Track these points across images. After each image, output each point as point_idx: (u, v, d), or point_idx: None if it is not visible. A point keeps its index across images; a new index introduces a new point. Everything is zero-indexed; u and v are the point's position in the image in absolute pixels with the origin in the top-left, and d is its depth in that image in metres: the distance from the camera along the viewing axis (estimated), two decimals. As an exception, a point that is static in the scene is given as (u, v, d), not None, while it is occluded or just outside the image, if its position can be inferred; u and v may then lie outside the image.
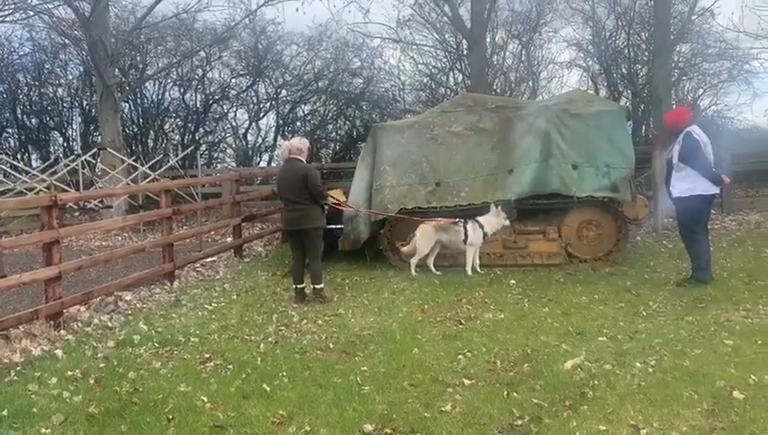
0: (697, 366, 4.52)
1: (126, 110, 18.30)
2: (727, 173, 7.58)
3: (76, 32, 15.14)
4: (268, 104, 19.48)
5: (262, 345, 5.43)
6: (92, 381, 4.66)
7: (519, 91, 18.42)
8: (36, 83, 18.87)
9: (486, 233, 8.14)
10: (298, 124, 19.75)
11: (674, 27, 14.72)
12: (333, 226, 8.60)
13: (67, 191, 12.20)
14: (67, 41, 16.64)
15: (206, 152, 19.80)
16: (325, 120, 19.71)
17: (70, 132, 19.12)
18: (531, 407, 3.99)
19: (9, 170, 14.19)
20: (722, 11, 22.49)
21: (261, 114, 19.59)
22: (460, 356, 4.97)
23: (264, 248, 10.83)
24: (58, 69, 19.10)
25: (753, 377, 4.26)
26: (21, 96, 19.10)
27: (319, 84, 19.06)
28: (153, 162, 14.77)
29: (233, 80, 19.29)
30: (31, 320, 5.76)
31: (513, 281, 7.65)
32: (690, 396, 4.02)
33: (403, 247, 8.35)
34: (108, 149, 14.13)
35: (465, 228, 8.08)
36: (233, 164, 19.30)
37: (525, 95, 18.03)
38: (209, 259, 9.40)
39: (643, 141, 14.99)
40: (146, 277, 7.73)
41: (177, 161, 15.55)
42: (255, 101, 19.44)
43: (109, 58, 14.08)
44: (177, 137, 19.67)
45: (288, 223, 7.18)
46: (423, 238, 8.13)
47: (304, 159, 7.10)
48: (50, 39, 17.99)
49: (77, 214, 13.80)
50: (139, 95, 18.69)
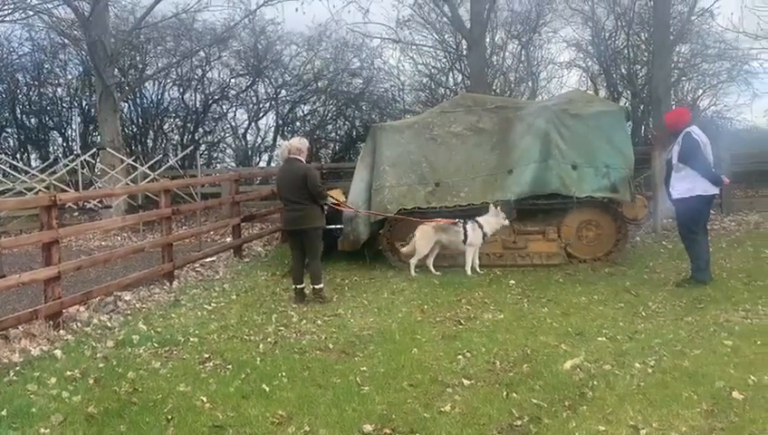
0: (697, 366, 4.52)
1: (125, 110, 18.30)
2: (727, 174, 7.58)
3: (75, 32, 15.12)
4: (267, 104, 19.49)
5: (261, 345, 5.43)
6: (91, 381, 4.66)
7: (518, 91, 18.41)
8: (36, 83, 18.86)
9: (486, 233, 8.14)
10: (297, 124, 19.76)
11: (673, 28, 14.72)
12: (333, 226, 8.60)
13: (66, 191, 12.19)
14: (66, 41, 16.62)
15: (206, 152, 19.80)
16: (325, 120, 19.71)
17: (69, 132, 19.10)
18: (530, 407, 3.99)
19: (8, 170, 14.17)
20: (721, 11, 22.52)
21: (260, 114, 19.62)
22: (459, 356, 4.97)
23: (264, 248, 10.83)
24: (57, 69, 19.12)
25: (752, 377, 4.26)
26: (20, 96, 19.10)
27: (318, 84, 19.06)
28: (152, 162, 14.77)
29: (232, 80, 19.32)
30: (30, 320, 5.76)
31: (512, 281, 7.66)
32: (689, 396, 4.02)
33: (402, 248, 8.35)
34: (107, 149, 14.12)
35: (464, 229, 8.08)
36: (232, 164, 19.30)
37: (525, 95, 18.03)
38: (209, 259, 9.40)
39: (642, 142, 15.00)
40: (145, 277, 7.73)
41: (176, 161, 15.55)
42: (255, 101, 19.44)
43: (108, 58, 14.07)
44: (176, 137, 19.67)
45: (287, 223, 7.18)
46: (422, 239, 8.13)
47: (304, 159, 7.10)
48: (49, 39, 17.99)
49: (76, 214, 13.79)
50: (139, 95, 18.70)
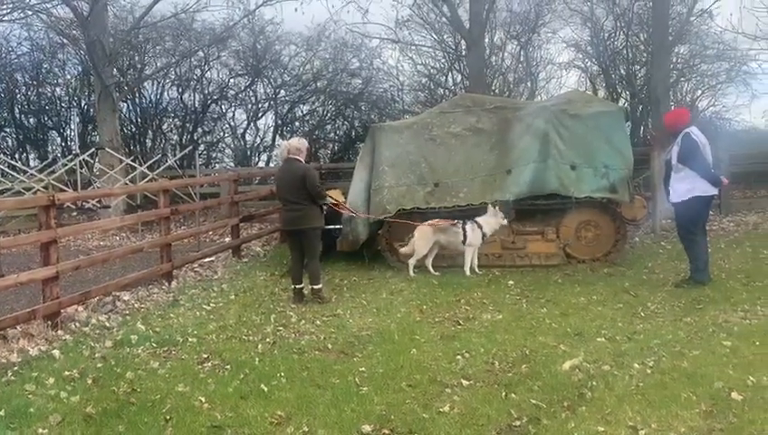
0: (696, 367, 4.52)
1: (124, 109, 18.30)
2: (725, 174, 7.58)
3: (74, 31, 15.10)
4: (267, 104, 19.49)
5: (260, 346, 5.42)
6: (90, 381, 4.65)
7: (517, 91, 18.42)
8: (34, 83, 18.85)
9: (485, 233, 8.14)
10: (296, 124, 19.76)
11: (672, 28, 14.73)
12: (332, 226, 8.60)
13: (65, 191, 12.17)
14: (65, 40, 16.61)
15: (205, 152, 19.78)
16: (324, 120, 19.72)
17: (68, 132, 19.07)
18: (529, 408, 3.99)
19: (7, 170, 14.15)
20: (720, 12, 22.48)
21: (259, 114, 19.61)
22: (458, 357, 4.96)
23: (263, 248, 10.82)
24: (56, 68, 19.12)
25: (751, 378, 4.26)
26: (19, 96, 19.09)
27: (317, 84, 19.07)
28: (151, 162, 14.76)
29: (231, 80, 19.32)
30: (28, 320, 5.75)
31: (511, 282, 7.65)
32: (688, 397, 4.02)
33: (401, 248, 8.35)
34: (106, 148, 14.11)
35: (463, 229, 8.07)
36: (231, 164, 19.31)
37: (524, 96, 18.03)
38: (207, 259, 9.39)
39: (641, 142, 15.02)
40: (144, 277, 7.72)
41: (175, 161, 15.55)
42: (254, 101, 19.45)
43: (107, 58, 14.06)
44: (175, 137, 19.66)
45: (286, 223, 7.18)
46: (421, 239, 8.13)
47: (303, 160, 7.10)
48: (48, 38, 17.97)
49: (75, 214, 13.77)
50: (138, 95, 18.69)
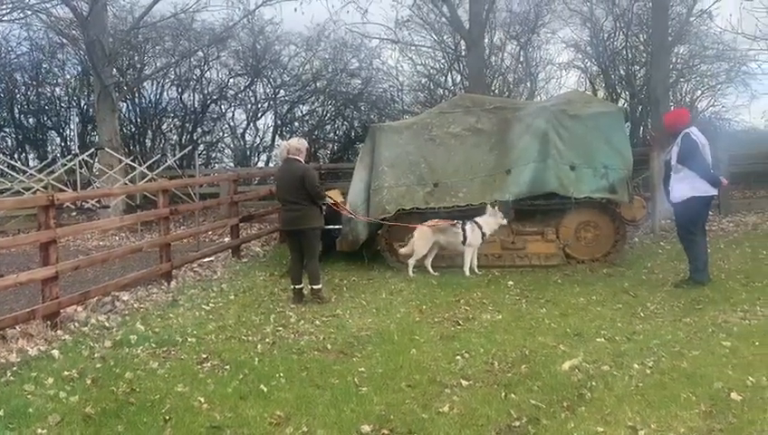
0: (695, 368, 4.52)
1: (124, 109, 18.28)
2: (725, 175, 7.59)
3: (74, 31, 15.09)
4: (266, 104, 19.49)
5: (259, 346, 5.42)
6: (89, 381, 4.64)
7: (517, 92, 18.42)
8: (34, 83, 18.84)
9: (485, 233, 8.14)
10: (296, 124, 19.76)
11: (672, 29, 14.75)
12: (331, 226, 8.59)
13: (64, 191, 12.16)
14: (65, 40, 16.59)
15: (204, 152, 19.77)
16: (323, 120, 19.71)
17: (67, 132, 19.06)
18: (528, 408, 3.99)
19: (6, 170, 14.15)
20: (720, 12, 22.49)
21: (259, 114, 19.61)
22: (458, 357, 4.96)
23: (262, 249, 10.82)
24: (56, 68, 19.10)
25: (750, 378, 4.26)
26: (18, 95, 19.07)
27: (317, 84, 19.06)
28: (151, 162, 14.74)
29: (231, 80, 19.31)
30: (28, 320, 5.75)
31: (510, 282, 7.65)
32: (688, 397, 4.02)
33: (401, 248, 8.35)
34: (105, 148, 14.10)
35: (463, 229, 8.07)
36: (231, 164, 19.31)
37: (523, 96, 18.03)
38: (207, 259, 9.38)
39: (641, 143, 15.03)
40: (143, 277, 7.72)
41: (174, 161, 15.53)
42: (253, 102, 19.45)
43: (106, 58, 14.04)
44: (174, 137, 19.65)
45: (286, 223, 7.18)
46: (421, 239, 8.13)
47: (303, 160, 7.10)
48: (47, 38, 17.96)
49: (74, 214, 13.77)
50: (137, 95, 18.67)
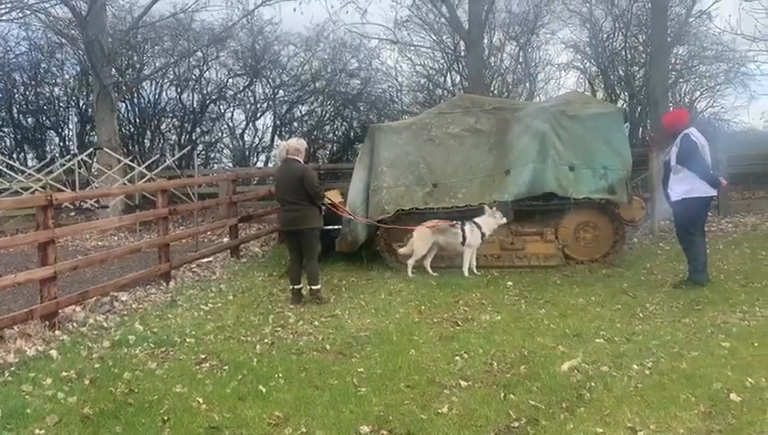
0: (694, 368, 4.52)
1: (122, 109, 18.26)
2: (724, 175, 7.59)
3: (73, 31, 15.07)
4: (265, 104, 19.48)
5: (258, 346, 5.41)
6: (87, 381, 4.64)
7: (516, 92, 18.43)
8: (32, 83, 18.80)
9: (484, 234, 8.14)
10: (295, 125, 19.74)
11: (671, 29, 14.76)
12: (331, 226, 8.58)
13: (63, 191, 12.14)
14: (64, 40, 16.57)
15: (203, 152, 19.76)
16: (322, 120, 19.71)
17: (66, 132, 19.04)
18: (527, 409, 3.98)
19: (5, 170, 14.12)
20: (719, 13, 22.53)
21: (258, 114, 19.59)
22: (457, 358, 4.96)
23: (261, 249, 10.81)
24: (54, 68, 19.06)
25: (749, 379, 4.26)
26: (17, 95, 19.03)
27: (316, 85, 19.05)
28: (150, 162, 14.72)
29: (230, 80, 19.29)
30: (26, 320, 5.73)
31: (510, 282, 7.65)
32: (687, 398, 4.02)
33: (400, 249, 8.35)
34: (104, 148, 14.08)
35: (462, 230, 8.07)
36: (229, 164, 19.28)
37: (523, 97, 18.04)
38: (205, 260, 9.37)
39: (640, 143, 15.02)
40: (142, 277, 7.71)
41: (173, 161, 15.51)
42: (252, 102, 19.43)
43: (105, 58, 14.03)
44: (173, 137, 19.63)
45: (285, 223, 7.17)
46: (420, 240, 8.12)
47: (302, 160, 7.10)
48: (46, 38, 17.92)
49: (73, 214, 13.75)
50: (136, 95, 18.65)
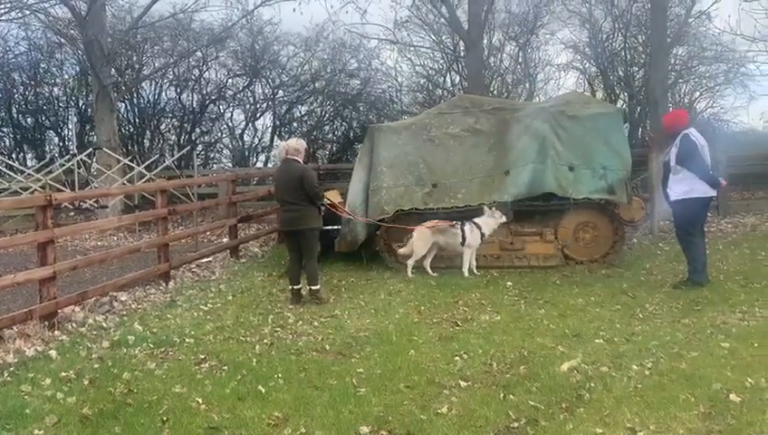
0: (694, 369, 4.52)
1: (122, 109, 18.24)
2: (723, 176, 7.60)
3: (72, 31, 15.06)
4: (265, 105, 19.46)
5: (257, 346, 5.41)
6: (86, 381, 4.63)
7: (516, 92, 18.42)
8: (32, 83, 18.78)
9: (484, 234, 8.14)
10: (295, 125, 19.73)
11: (671, 30, 14.76)
12: (330, 227, 8.58)
13: (62, 191, 12.13)
14: (63, 40, 16.55)
15: (203, 152, 19.74)
16: (322, 120, 19.70)
17: (65, 132, 19.02)
18: (527, 409, 3.98)
19: (4, 170, 14.10)
20: (719, 14, 22.55)
21: (257, 115, 19.57)
22: (456, 358, 4.95)
23: (261, 249, 10.80)
24: (54, 68, 19.02)
25: (749, 380, 4.26)
26: (16, 95, 19.01)
27: (316, 85, 19.04)
28: (149, 162, 14.71)
29: (229, 80, 19.26)
30: (25, 320, 5.73)
31: (509, 283, 7.65)
32: (687, 399, 4.02)
33: (400, 249, 8.34)
34: (103, 148, 14.06)
35: (462, 230, 8.07)
36: (229, 164, 19.27)
37: (522, 97, 18.04)
38: (205, 260, 9.36)
39: (639, 144, 15.01)
40: (141, 278, 7.70)
41: (173, 161, 15.50)
42: (252, 102, 19.42)
43: (105, 58, 14.02)
44: (173, 137, 19.61)
45: (284, 224, 7.17)
46: (420, 240, 8.12)
47: (301, 160, 7.10)
48: (46, 38, 17.90)
49: (72, 214, 13.74)
50: (136, 95, 18.63)
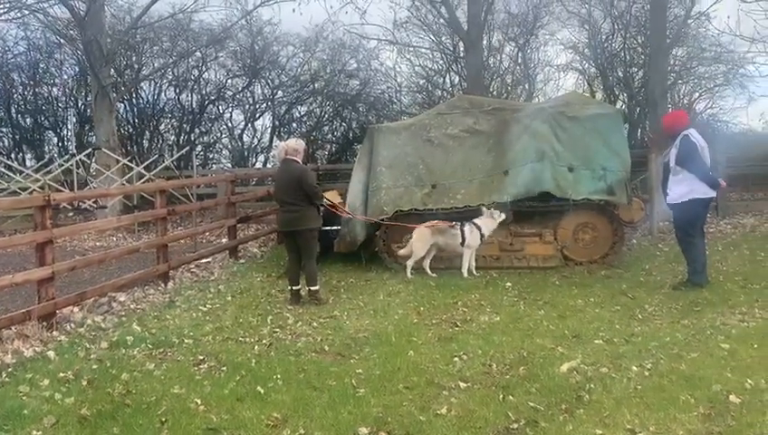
0: (694, 370, 4.52)
1: (121, 110, 18.22)
2: (723, 176, 7.60)
3: (71, 31, 15.05)
4: (264, 105, 19.45)
5: (256, 347, 5.40)
6: (85, 382, 4.62)
7: (515, 93, 18.42)
8: (31, 83, 18.77)
9: (483, 235, 8.13)
10: (294, 125, 19.72)
11: (670, 31, 14.76)
12: (329, 227, 8.57)
13: (61, 191, 12.12)
14: (62, 40, 16.53)
15: (202, 153, 19.72)
16: (321, 121, 19.69)
17: (64, 132, 19.01)
18: (527, 410, 3.97)
19: (3, 170, 14.08)
20: (718, 15, 22.45)
21: (257, 115, 19.56)
22: (456, 359, 4.95)
23: (260, 249, 10.80)
24: (53, 68, 19.00)
25: (749, 381, 4.25)
26: (15, 95, 19.00)
27: (315, 85, 19.03)
28: (148, 162, 14.71)
29: (229, 80, 19.25)
30: (23, 321, 5.72)
31: (508, 283, 7.64)
32: (687, 400, 4.01)
33: (400, 250, 8.33)
34: (103, 149, 14.05)
35: (462, 231, 8.06)
36: (228, 165, 19.25)
37: (522, 98, 18.04)
38: (204, 260, 9.35)
39: (639, 144, 15.02)
40: (140, 278, 7.69)
41: (172, 162, 15.49)
42: (251, 102, 19.40)
43: (104, 58, 14.01)
44: (172, 137, 19.57)
45: (283, 224, 7.16)
46: (419, 241, 8.11)
47: (300, 160, 7.09)
48: (45, 38, 17.90)
49: (71, 214, 13.74)
50: (135, 95, 18.62)
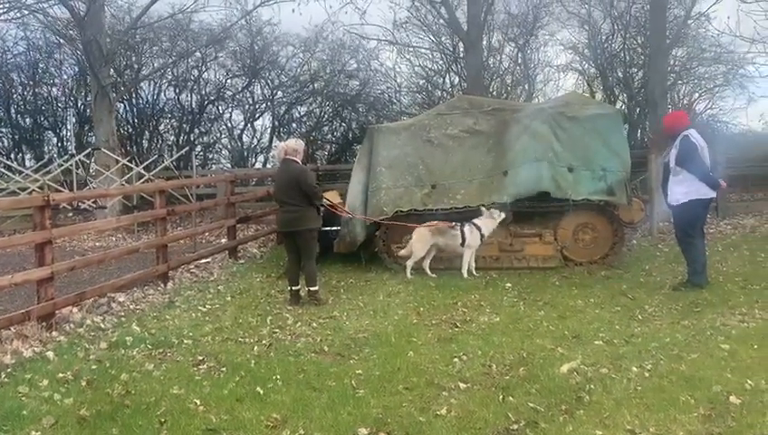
0: (694, 371, 4.51)
1: (121, 110, 18.21)
2: (723, 177, 7.60)
3: (71, 31, 15.05)
4: (264, 105, 19.43)
5: (256, 348, 5.39)
6: (84, 383, 4.61)
7: (515, 93, 18.41)
8: (30, 83, 18.75)
9: (483, 235, 8.13)
10: (294, 126, 19.70)
11: (670, 31, 14.76)
12: (329, 227, 8.57)
13: (61, 191, 12.11)
14: (62, 40, 16.52)
15: (201, 153, 19.70)
16: (321, 121, 19.68)
17: (64, 132, 18.98)
18: (527, 411, 3.97)
19: (2, 170, 14.07)
20: (718, 15, 22.48)
21: (256, 115, 19.54)
22: (455, 359, 4.94)
23: (259, 250, 10.79)
24: (53, 68, 18.97)
25: (749, 382, 4.25)
26: (15, 95, 18.97)
27: (315, 86, 19.02)
28: (148, 163, 14.70)
29: (228, 81, 19.23)
30: (22, 321, 5.71)
31: (508, 284, 7.64)
32: (687, 401, 4.01)
33: (399, 250, 8.33)
34: (102, 149, 14.05)
35: (461, 231, 8.06)
36: (228, 165, 19.25)
37: (521, 98, 18.04)
38: (203, 260, 9.35)
39: (639, 145, 15.03)
40: (139, 278, 7.68)
41: (171, 162, 15.48)
42: (251, 102, 19.39)
43: (104, 58, 14.00)
44: (172, 137, 19.56)
45: (282, 224, 7.15)
46: (419, 241, 8.11)
47: (300, 161, 7.08)
48: (44, 38, 17.89)
49: (71, 214, 13.73)
50: (134, 95, 18.60)
